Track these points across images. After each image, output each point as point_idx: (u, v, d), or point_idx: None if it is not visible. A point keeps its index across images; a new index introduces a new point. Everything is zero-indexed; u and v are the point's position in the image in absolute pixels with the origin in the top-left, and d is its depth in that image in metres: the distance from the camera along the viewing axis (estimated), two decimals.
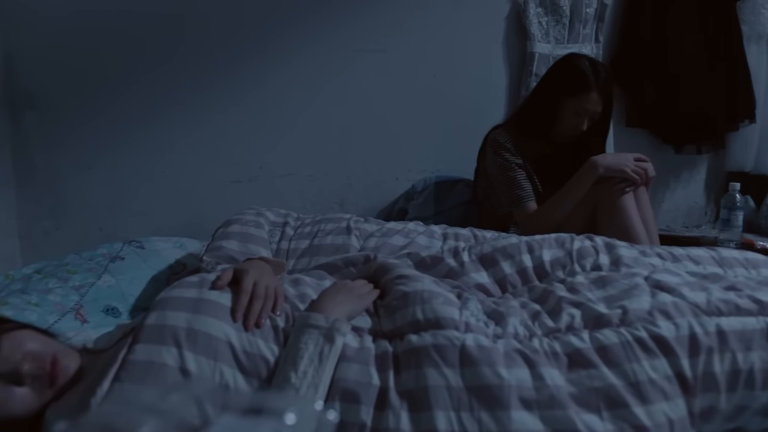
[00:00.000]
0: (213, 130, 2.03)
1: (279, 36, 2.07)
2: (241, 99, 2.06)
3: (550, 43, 2.39)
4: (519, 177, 1.79)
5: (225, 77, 2.03)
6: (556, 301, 1.01)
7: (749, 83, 2.59)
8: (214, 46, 2.00)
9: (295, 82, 2.11)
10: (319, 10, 2.12)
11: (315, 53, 2.12)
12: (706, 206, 2.80)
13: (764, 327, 0.96)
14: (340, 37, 2.15)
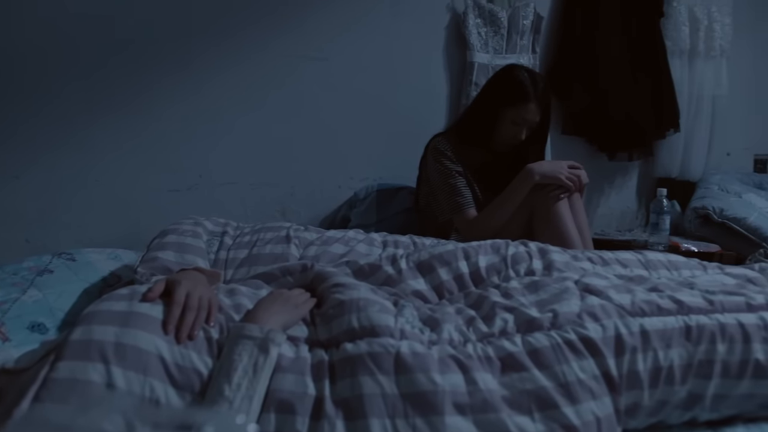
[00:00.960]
0: (150, 137, 1.98)
1: (220, 42, 2.04)
2: (180, 105, 2.01)
3: (489, 53, 2.45)
4: (459, 184, 1.82)
5: (163, 82, 1.98)
6: (491, 306, 1.03)
7: (673, 95, 2.74)
8: (152, 49, 1.95)
9: (237, 88, 2.08)
10: (261, 17, 2.10)
11: (257, 60, 2.10)
12: (637, 211, 2.93)
13: (683, 325, 1.02)
14: (282, 45, 2.14)
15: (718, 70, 2.93)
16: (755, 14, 3.14)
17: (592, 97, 2.58)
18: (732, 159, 3.18)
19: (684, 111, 2.81)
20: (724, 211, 2.42)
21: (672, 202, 2.71)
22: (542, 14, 2.54)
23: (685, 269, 1.31)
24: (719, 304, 1.08)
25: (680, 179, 2.88)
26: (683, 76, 2.84)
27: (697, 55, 2.87)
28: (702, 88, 2.88)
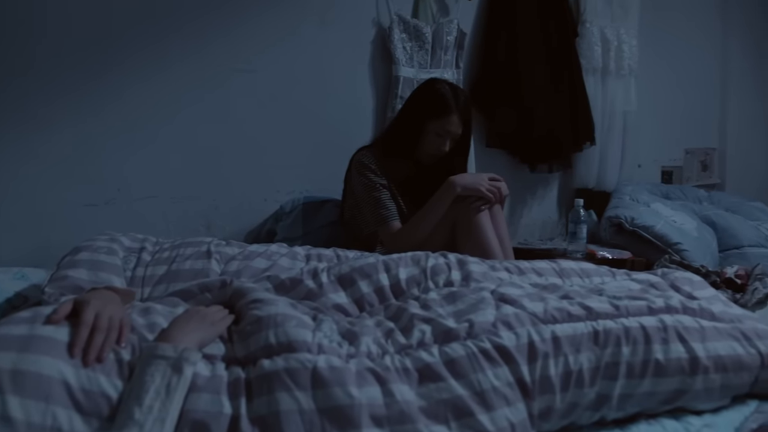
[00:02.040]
0: (65, 147, 1.87)
1: (142, 49, 1.98)
2: (98, 113, 1.92)
3: (414, 67, 2.50)
4: (383, 197, 1.85)
5: (80, 89, 1.88)
6: (409, 318, 1.05)
7: (589, 110, 2.88)
8: (68, 54, 1.85)
9: (158, 97, 2.02)
10: (183, 25, 2.05)
11: (180, 69, 2.05)
12: (558, 220, 3.06)
13: (591, 330, 1.07)
14: (207, 55, 2.10)
15: (627, 88, 3.11)
16: (658, 37, 3.36)
17: (514, 111, 2.67)
18: (643, 171, 3.38)
19: (598, 125, 2.96)
20: (634, 220, 2.56)
21: (589, 211, 2.85)
22: (465, 31, 2.62)
23: (596, 276, 1.38)
24: (624, 308, 1.14)
25: (597, 190, 3.03)
26: (597, 92, 3.00)
27: (608, 74, 3.04)
28: (614, 104, 3.06)
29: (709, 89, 3.74)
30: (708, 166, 3.77)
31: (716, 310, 1.27)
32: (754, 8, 3.85)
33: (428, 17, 2.58)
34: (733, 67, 3.77)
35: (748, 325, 1.25)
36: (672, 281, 1.38)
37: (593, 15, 2.99)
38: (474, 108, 2.66)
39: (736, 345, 1.18)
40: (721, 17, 3.74)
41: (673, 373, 1.11)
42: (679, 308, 1.22)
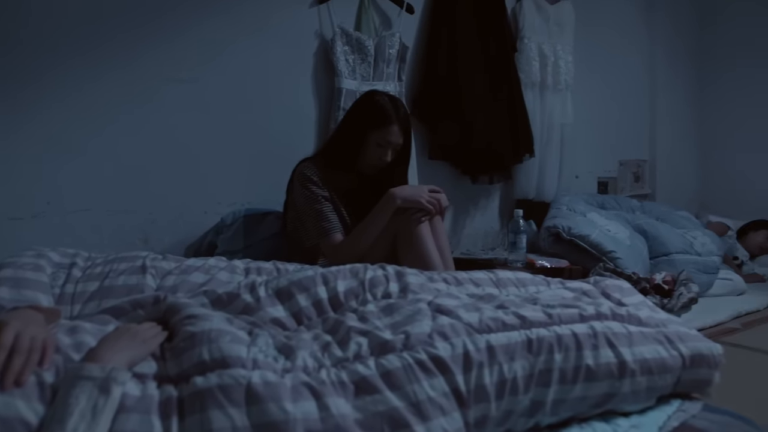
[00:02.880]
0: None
1: (76, 57, 1.92)
2: (27, 123, 1.84)
3: (356, 79, 2.52)
4: (325, 209, 1.85)
5: (5, 98, 1.81)
6: (346, 331, 1.05)
7: (528, 123, 2.97)
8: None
9: (92, 108, 1.96)
10: (116, 35, 2.00)
11: (113, 78, 1.99)
12: (500, 230, 3.12)
13: (525, 339, 1.10)
14: (144, 65, 2.06)
15: (564, 102, 3.23)
16: (592, 53, 3.51)
17: (455, 124, 2.73)
18: (580, 181, 3.50)
19: (537, 138, 3.06)
20: (571, 229, 2.65)
21: (529, 222, 2.93)
22: (407, 44, 2.66)
23: (532, 285, 1.41)
24: (557, 316, 1.18)
25: (537, 200, 3.12)
26: (535, 106, 3.10)
27: (546, 88, 3.15)
28: (552, 117, 3.16)
29: (640, 103, 3.93)
30: (640, 177, 3.94)
31: (643, 315, 1.32)
32: (678, 22, 4.07)
33: (371, 30, 2.61)
34: (661, 83, 3.97)
35: (671, 329, 1.31)
36: (603, 289, 1.43)
37: (531, 31, 3.09)
38: (416, 120, 2.71)
39: (661, 348, 1.23)
40: (648, 33, 3.93)
41: (602, 377, 1.15)
42: (609, 315, 1.26)
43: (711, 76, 4.16)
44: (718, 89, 4.14)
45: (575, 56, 3.27)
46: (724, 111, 4.12)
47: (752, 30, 3.96)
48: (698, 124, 4.21)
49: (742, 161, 4.03)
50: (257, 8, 2.32)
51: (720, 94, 4.13)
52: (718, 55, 4.12)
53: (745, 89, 4.01)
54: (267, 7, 2.35)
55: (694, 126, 4.20)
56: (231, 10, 2.26)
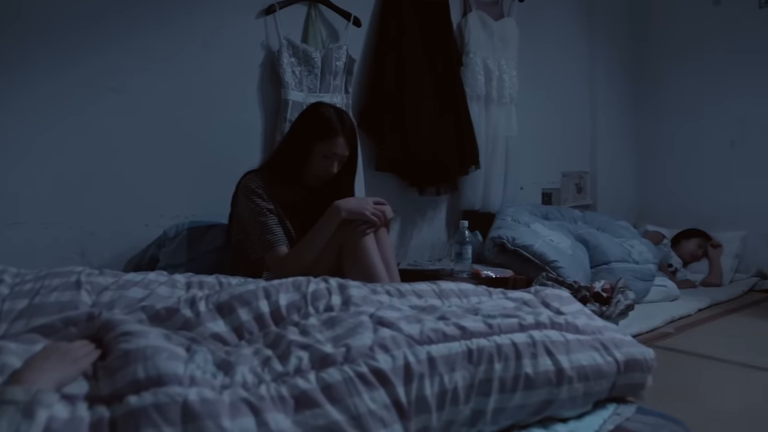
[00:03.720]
0: None
1: (3, 64, 1.84)
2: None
3: (303, 91, 2.52)
4: (270, 222, 1.83)
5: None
6: (287, 345, 1.04)
7: (473, 136, 3.04)
8: None
9: (25, 117, 1.89)
10: (51, 44, 1.94)
11: (46, 87, 1.93)
12: (447, 241, 3.17)
13: (465, 350, 1.11)
14: (80, 74, 2.00)
15: (509, 115, 3.31)
16: (535, 68, 3.62)
17: (401, 136, 2.76)
18: (525, 193, 3.59)
19: (483, 150, 3.12)
20: (515, 240, 2.71)
21: (475, 232, 2.98)
22: (354, 57, 2.68)
23: (474, 296, 1.44)
24: (497, 326, 1.20)
25: (483, 211, 3.17)
26: (481, 119, 3.16)
27: (491, 101, 3.22)
28: (497, 130, 3.24)
29: (581, 117, 4.07)
30: (582, 189, 4.07)
31: (580, 323, 1.36)
32: (615, 39, 4.25)
33: (318, 42, 2.62)
34: (600, 98, 4.13)
35: (607, 336, 1.36)
36: (543, 298, 1.47)
37: (476, 46, 3.16)
38: (363, 132, 2.73)
39: (597, 355, 1.27)
40: (588, 50, 4.08)
41: (541, 385, 1.17)
42: (548, 324, 1.30)
43: (646, 92, 4.36)
44: (652, 105, 4.33)
45: (519, 71, 3.37)
46: (657, 125, 4.32)
47: (679, 47, 4.17)
48: (635, 138, 4.39)
49: (675, 173, 4.22)
50: (202, 18, 2.30)
51: (654, 110, 4.33)
52: (651, 71, 4.32)
53: (675, 104, 4.21)
54: (212, 18, 2.33)
55: (632, 139, 4.39)
56: (176, 19, 2.23)
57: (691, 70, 4.11)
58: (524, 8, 3.49)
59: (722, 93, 3.96)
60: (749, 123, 3.85)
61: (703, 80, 4.05)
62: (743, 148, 3.90)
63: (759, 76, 3.79)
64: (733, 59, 3.91)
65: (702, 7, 4.05)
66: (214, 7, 2.33)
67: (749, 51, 3.84)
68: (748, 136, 3.87)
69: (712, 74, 4.01)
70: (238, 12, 2.40)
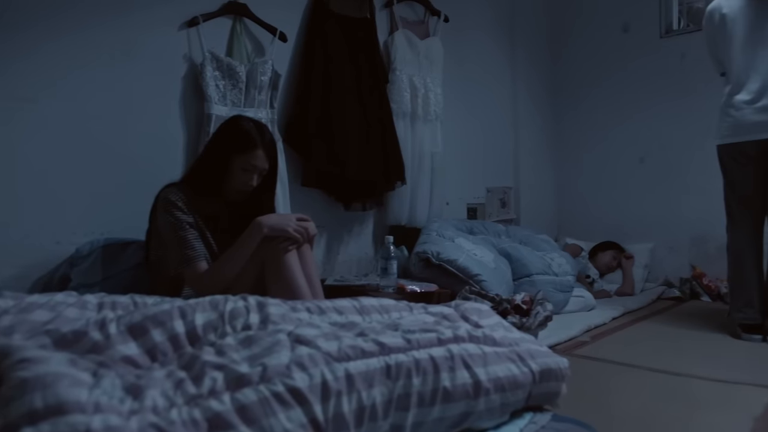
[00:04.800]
0: None
1: None
2: None
3: (227, 105, 2.48)
4: (190, 236, 1.79)
5: None
6: (201, 366, 1.01)
7: (399, 151, 3.08)
8: None
9: None
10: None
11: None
12: (374, 256, 3.19)
13: (383, 365, 1.12)
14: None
15: (434, 131, 3.38)
16: (460, 86, 3.74)
17: (328, 152, 2.76)
18: (451, 207, 3.67)
19: (409, 166, 3.18)
20: (440, 254, 2.77)
21: (401, 247, 3.02)
22: (280, 72, 2.67)
23: (395, 311, 1.45)
24: (416, 341, 1.22)
25: (409, 226, 3.22)
26: (407, 135, 3.22)
27: (417, 118, 3.29)
28: (422, 146, 3.30)
29: (505, 134, 4.22)
30: (506, 203, 4.21)
31: (498, 336, 1.40)
32: (536, 59, 4.45)
33: (243, 56, 2.59)
34: (522, 116, 4.30)
35: (523, 347, 1.40)
36: (462, 312, 1.50)
37: (402, 64, 3.22)
38: (289, 147, 2.72)
39: (513, 366, 1.32)
40: (510, 69, 4.26)
41: (459, 398, 1.20)
42: (466, 337, 1.33)
43: (564, 111, 4.58)
44: (570, 123, 4.56)
45: (445, 89, 3.46)
46: (575, 142, 4.54)
47: (593, 69, 4.42)
48: (555, 154, 4.60)
49: (592, 188, 4.45)
50: (121, 29, 2.24)
51: (572, 128, 4.56)
52: (569, 91, 4.56)
53: (591, 123, 4.45)
54: (132, 28, 2.26)
55: (552, 155, 4.59)
56: (94, 28, 2.16)
57: (603, 90, 4.36)
58: (449, 28, 3.60)
59: (632, 113, 4.22)
60: (656, 141, 4.12)
61: (615, 100, 4.31)
62: (651, 164, 4.16)
63: (662, 99, 4.07)
64: (639, 82, 4.18)
65: (612, 34, 4.31)
66: (133, 17, 2.27)
67: (653, 75, 4.12)
68: (656, 153, 4.13)
69: (622, 95, 4.27)
70: (160, 23, 2.35)
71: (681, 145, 3.97)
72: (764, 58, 2.51)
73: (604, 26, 4.35)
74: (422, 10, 3.51)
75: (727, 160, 2.68)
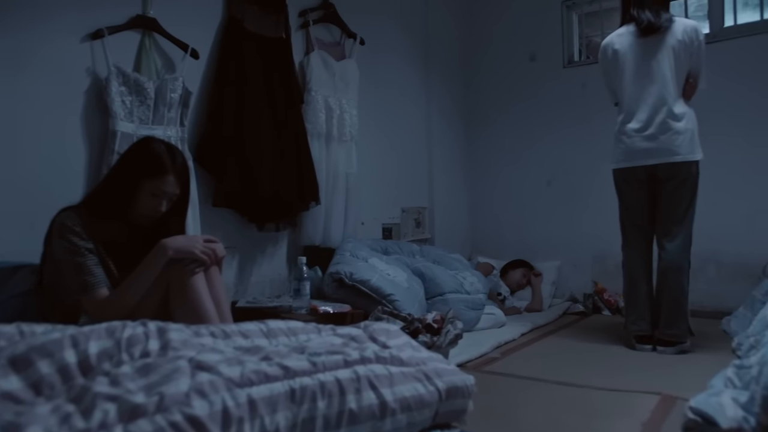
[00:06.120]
0: None
1: None
2: None
3: (134, 122, 2.39)
4: (89, 262, 1.70)
5: None
6: (92, 397, 0.96)
7: (313, 171, 3.08)
8: None
9: None
10: None
11: None
12: (288, 277, 3.15)
13: (288, 389, 1.11)
14: None
15: (349, 152, 3.41)
16: (376, 108, 3.80)
17: (241, 172, 2.72)
18: (366, 227, 3.70)
19: (323, 186, 3.18)
20: (353, 274, 2.78)
21: (315, 268, 3.01)
22: (191, 90, 2.61)
23: (302, 334, 1.44)
24: (321, 364, 1.22)
25: (324, 246, 3.21)
26: (322, 155, 3.23)
27: (332, 139, 3.30)
28: (337, 166, 3.32)
29: (419, 155, 4.31)
30: (421, 223, 4.30)
31: (405, 356, 1.43)
32: (449, 82, 4.61)
33: (152, 72, 2.52)
34: (436, 137, 4.43)
35: (430, 366, 1.43)
36: (371, 333, 1.51)
37: (318, 85, 3.24)
38: (200, 167, 2.65)
39: (419, 386, 1.34)
40: (425, 92, 4.38)
41: (365, 419, 1.21)
42: (373, 358, 1.34)
43: (476, 133, 4.76)
44: (482, 145, 4.74)
45: (360, 110, 3.50)
46: (487, 163, 4.72)
47: (503, 94, 4.63)
48: (468, 174, 4.76)
49: (503, 208, 4.63)
50: (15, 38, 2.11)
51: (484, 149, 4.74)
52: (481, 114, 4.74)
53: (501, 145, 4.65)
54: (27, 38, 2.14)
55: (465, 176, 4.74)
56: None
57: (513, 115, 4.58)
58: (366, 51, 3.66)
59: (539, 137, 4.45)
60: (561, 164, 4.36)
61: (524, 125, 4.53)
62: (557, 186, 4.39)
63: (566, 124, 4.32)
64: (545, 108, 4.43)
65: (520, 62, 4.55)
66: (28, 24, 2.15)
67: (557, 102, 4.38)
68: (561, 176, 4.37)
69: (531, 120, 4.49)
70: (59, 33, 2.24)
71: (583, 168, 4.22)
72: (651, 90, 2.73)
73: (513, 54, 4.57)
74: (338, 32, 3.55)
75: (622, 183, 2.88)
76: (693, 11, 3.97)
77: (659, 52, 2.72)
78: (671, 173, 2.70)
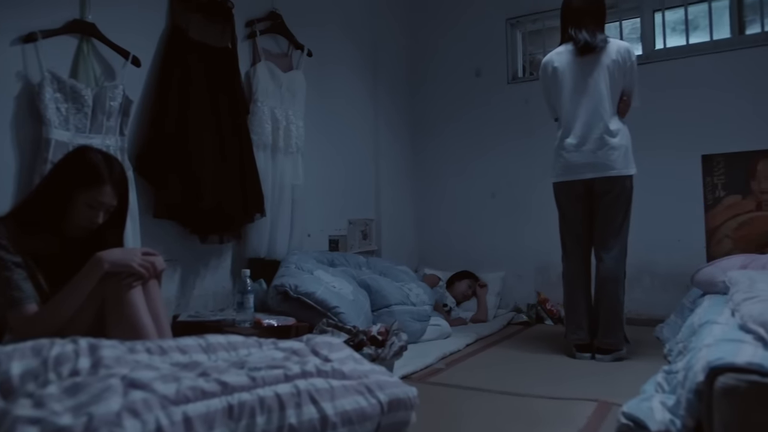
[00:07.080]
0: None
1: None
2: None
3: (70, 131, 2.31)
4: (16, 277, 1.61)
5: None
6: (12, 422, 0.92)
7: (258, 183, 3.05)
8: None
9: None
10: None
11: None
12: (231, 290, 3.09)
13: (225, 405, 1.09)
14: None
15: (295, 164, 3.39)
16: (322, 120, 3.80)
17: (183, 182, 2.66)
18: (312, 239, 3.68)
19: (269, 198, 3.14)
20: (298, 287, 2.75)
21: (259, 281, 2.96)
22: (132, 98, 2.54)
23: (243, 348, 1.42)
24: (261, 379, 1.20)
25: (269, 259, 3.17)
26: (267, 167, 3.19)
27: (278, 150, 3.28)
28: (283, 178, 3.29)
29: (366, 167, 4.33)
30: (368, 235, 4.30)
31: (347, 369, 1.42)
32: (396, 94, 4.65)
33: (90, 79, 2.44)
34: (383, 149, 4.46)
35: (372, 379, 1.43)
36: (313, 346, 1.50)
37: (264, 95, 3.21)
38: (141, 177, 2.58)
39: (361, 399, 1.34)
40: (372, 104, 4.41)
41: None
42: (314, 372, 1.33)
43: (423, 145, 4.81)
44: (428, 157, 4.80)
45: (307, 121, 3.49)
46: (433, 175, 4.78)
47: (449, 107, 4.71)
48: (414, 186, 4.80)
49: (448, 220, 4.69)
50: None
51: (430, 161, 4.80)
52: (427, 126, 4.80)
53: (447, 157, 4.72)
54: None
55: (411, 187, 4.79)
56: None
57: (458, 128, 4.66)
58: (314, 63, 3.66)
59: (484, 150, 4.54)
60: (505, 177, 4.46)
61: (469, 137, 4.62)
62: (501, 198, 4.49)
63: (510, 138, 4.44)
64: (490, 122, 4.53)
65: (466, 77, 4.64)
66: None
67: (502, 116, 4.49)
68: (504, 189, 4.47)
69: (476, 133, 4.59)
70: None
71: (526, 181, 4.33)
72: (586, 107, 2.84)
73: (458, 67, 4.66)
74: (286, 43, 3.54)
75: (561, 196, 2.97)
76: (627, 33, 4.16)
77: (595, 71, 2.83)
78: (607, 187, 2.81)
